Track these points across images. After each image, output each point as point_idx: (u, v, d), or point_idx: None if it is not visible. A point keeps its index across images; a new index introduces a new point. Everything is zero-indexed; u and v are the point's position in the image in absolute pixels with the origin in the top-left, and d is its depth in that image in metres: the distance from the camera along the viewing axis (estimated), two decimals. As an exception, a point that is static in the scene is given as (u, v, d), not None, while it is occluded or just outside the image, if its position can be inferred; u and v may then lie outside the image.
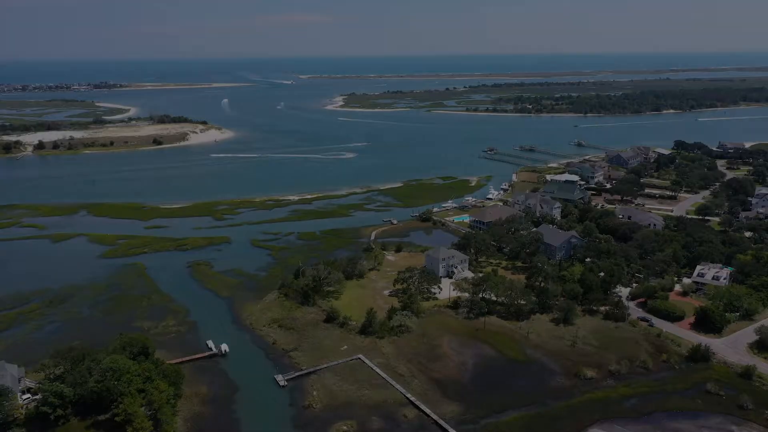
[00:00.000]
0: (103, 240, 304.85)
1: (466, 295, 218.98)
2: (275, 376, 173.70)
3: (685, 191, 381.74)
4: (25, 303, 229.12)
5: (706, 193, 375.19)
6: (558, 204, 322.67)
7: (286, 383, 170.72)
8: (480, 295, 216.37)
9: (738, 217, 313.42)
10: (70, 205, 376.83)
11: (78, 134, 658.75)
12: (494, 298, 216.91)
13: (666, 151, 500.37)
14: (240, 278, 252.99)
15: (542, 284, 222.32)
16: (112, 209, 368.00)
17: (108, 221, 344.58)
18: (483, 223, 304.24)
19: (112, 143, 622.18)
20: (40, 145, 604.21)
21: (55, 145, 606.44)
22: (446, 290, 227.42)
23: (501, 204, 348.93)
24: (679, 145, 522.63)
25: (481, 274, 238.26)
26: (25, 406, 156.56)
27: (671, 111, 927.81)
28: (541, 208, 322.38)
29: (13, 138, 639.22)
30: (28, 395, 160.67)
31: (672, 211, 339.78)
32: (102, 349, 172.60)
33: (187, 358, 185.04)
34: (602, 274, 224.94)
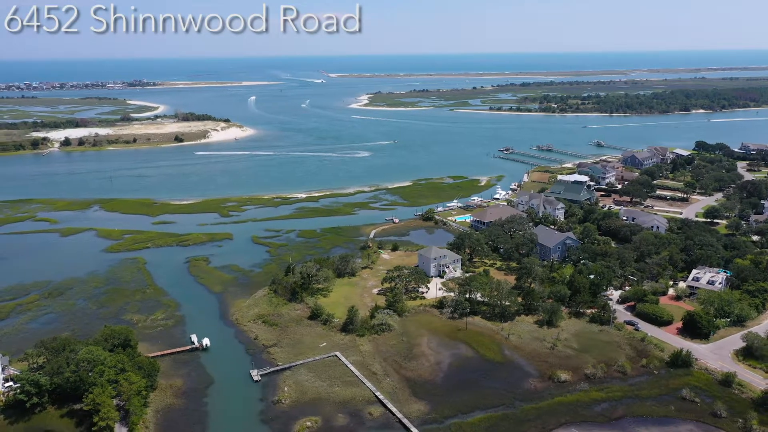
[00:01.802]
0: (109, 235, 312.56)
1: (452, 294, 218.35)
2: (250, 371, 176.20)
3: (699, 193, 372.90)
4: (25, 294, 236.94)
5: (721, 195, 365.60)
6: (561, 205, 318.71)
7: (259, 378, 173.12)
8: (466, 296, 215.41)
9: (748, 221, 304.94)
10: (84, 201, 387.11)
11: (103, 131, 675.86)
12: (480, 299, 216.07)
13: (685, 152, 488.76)
14: (235, 274, 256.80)
15: (530, 285, 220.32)
16: (123, 205, 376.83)
17: (118, 216, 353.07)
18: (483, 223, 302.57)
19: (135, 140, 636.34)
20: (66, 142, 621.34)
21: (81, 142, 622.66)
22: (434, 290, 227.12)
23: (503, 204, 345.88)
24: (700, 145, 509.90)
25: (467, 274, 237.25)
26: (6, 394, 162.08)
27: (701, 111, 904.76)
28: (544, 208, 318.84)
29: (42, 134, 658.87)
30: (10, 383, 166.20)
31: (681, 213, 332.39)
32: (83, 340, 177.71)
33: (168, 351, 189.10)
34: (592, 276, 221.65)
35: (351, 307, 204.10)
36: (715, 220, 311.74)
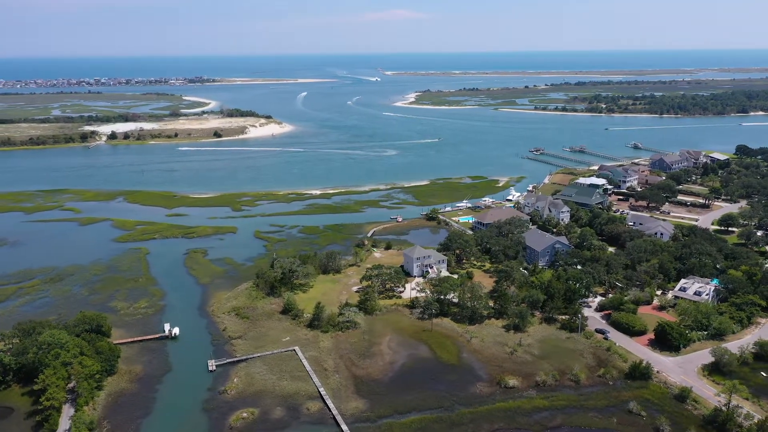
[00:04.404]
0: (123, 225, 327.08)
1: (423, 295, 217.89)
2: (208, 361, 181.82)
3: (724, 200, 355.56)
4: (29, 279, 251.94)
5: (746, 203, 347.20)
6: (566, 208, 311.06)
7: (214, 368, 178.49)
8: (439, 297, 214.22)
9: (766, 230, 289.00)
10: (111, 192, 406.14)
11: (148, 126, 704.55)
12: (456, 301, 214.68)
13: (722, 156, 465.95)
14: (226, 267, 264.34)
15: (505, 289, 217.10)
16: (145, 197, 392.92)
17: (138, 208, 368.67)
18: (483, 224, 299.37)
19: (176, 135, 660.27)
20: (113, 135, 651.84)
21: (126, 136, 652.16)
22: (411, 290, 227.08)
23: (509, 206, 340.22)
24: (741, 150, 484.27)
25: (453, 276, 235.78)
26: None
27: (760, 113, 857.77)
28: (549, 211, 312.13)
29: (92, 128, 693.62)
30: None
31: (697, 220, 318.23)
32: (55, 324, 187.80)
33: (138, 338, 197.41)
34: (570, 282, 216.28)
35: (317, 304, 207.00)
36: (729, 229, 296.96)
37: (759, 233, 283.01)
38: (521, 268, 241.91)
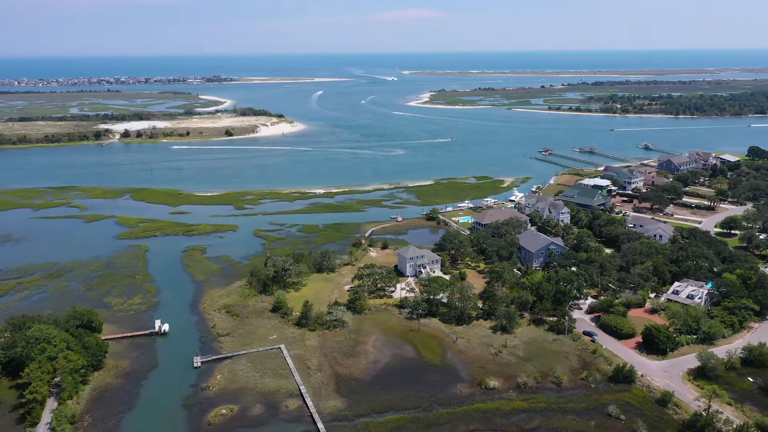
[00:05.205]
0: (126, 222, 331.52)
1: (412, 295, 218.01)
2: (194, 358, 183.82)
3: (730, 202, 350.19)
4: (30, 274, 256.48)
5: (752, 205, 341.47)
6: (566, 209, 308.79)
7: (199, 365, 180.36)
8: (428, 297, 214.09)
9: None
10: (119, 189, 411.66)
11: (161, 124, 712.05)
12: (445, 301, 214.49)
13: (733, 158, 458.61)
14: (223, 265, 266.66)
15: (494, 290, 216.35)
16: (151, 194, 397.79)
17: (143, 205, 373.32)
18: (481, 224, 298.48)
19: (188, 133, 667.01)
20: (126, 134, 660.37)
21: (139, 134, 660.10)
22: (401, 289, 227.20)
23: (509, 207, 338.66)
24: (753, 151, 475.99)
25: (446, 276, 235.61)
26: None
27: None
28: (549, 212, 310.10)
29: (107, 126, 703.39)
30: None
31: (700, 222, 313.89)
32: (46, 319, 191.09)
33: (128, 334, 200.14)
34: (561, 283, 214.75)
35: (305, 302, 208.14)
36: (732, 231, 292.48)
37: (762, 236, 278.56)
38: (515, 269, 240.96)
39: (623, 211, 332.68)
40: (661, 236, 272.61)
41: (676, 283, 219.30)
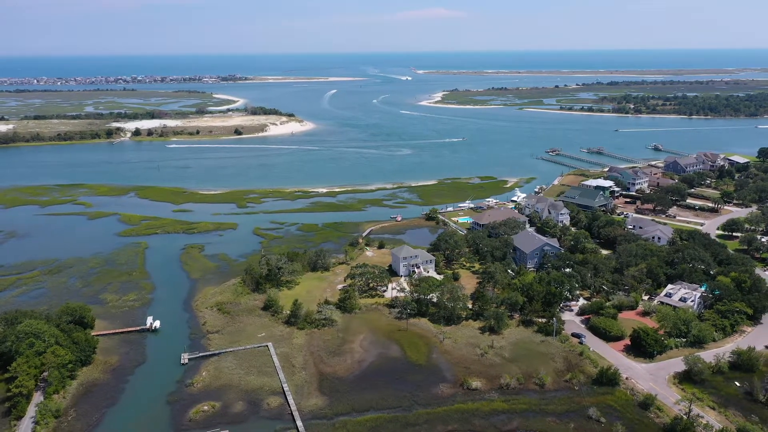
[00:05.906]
0: (129, 220, 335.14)
1: (402, 295, 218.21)
2: (182, 354, 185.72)
3: (735, 204, 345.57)
4: (30, 270, 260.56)
5: (756, 207, 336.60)
6: (566, 210, 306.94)
7: (187, 362, 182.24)
8: (418, 297, 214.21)
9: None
10: (124, 187, 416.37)
11: (171, 123, 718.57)
12: (435, 301, 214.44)
13: (743, 159, 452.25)
14: (219, 263, 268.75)
15: (485, 290, 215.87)
16: (156, 192, 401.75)
17: (147, 203, 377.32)
18: (479, 224, 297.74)
19: (198, 132, 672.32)
20: (137, 132, 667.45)
21: (149, 132, 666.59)
22: (392, 289, 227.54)
23: (509, 207, 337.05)
24: (763, 152, 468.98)
25: (440, 276, 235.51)
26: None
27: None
28: (548, 213, 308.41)
29: (119, 124, 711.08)
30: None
31: (703, 225, 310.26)
32: (39, 315, 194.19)
33: (120, 330, 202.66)
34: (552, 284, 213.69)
35: (295, 301, 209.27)
36: (734, 234, 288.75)
37: (764, 239, 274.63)
38: (509, 270, 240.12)
39: (624, 213, 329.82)
40: (659, 238, 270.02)
41: (670, 286, 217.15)
